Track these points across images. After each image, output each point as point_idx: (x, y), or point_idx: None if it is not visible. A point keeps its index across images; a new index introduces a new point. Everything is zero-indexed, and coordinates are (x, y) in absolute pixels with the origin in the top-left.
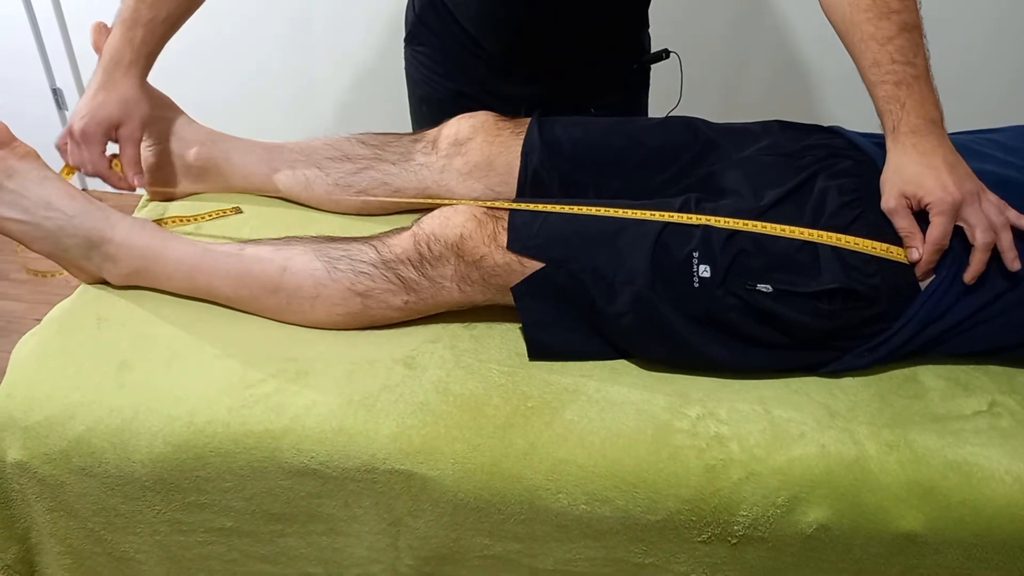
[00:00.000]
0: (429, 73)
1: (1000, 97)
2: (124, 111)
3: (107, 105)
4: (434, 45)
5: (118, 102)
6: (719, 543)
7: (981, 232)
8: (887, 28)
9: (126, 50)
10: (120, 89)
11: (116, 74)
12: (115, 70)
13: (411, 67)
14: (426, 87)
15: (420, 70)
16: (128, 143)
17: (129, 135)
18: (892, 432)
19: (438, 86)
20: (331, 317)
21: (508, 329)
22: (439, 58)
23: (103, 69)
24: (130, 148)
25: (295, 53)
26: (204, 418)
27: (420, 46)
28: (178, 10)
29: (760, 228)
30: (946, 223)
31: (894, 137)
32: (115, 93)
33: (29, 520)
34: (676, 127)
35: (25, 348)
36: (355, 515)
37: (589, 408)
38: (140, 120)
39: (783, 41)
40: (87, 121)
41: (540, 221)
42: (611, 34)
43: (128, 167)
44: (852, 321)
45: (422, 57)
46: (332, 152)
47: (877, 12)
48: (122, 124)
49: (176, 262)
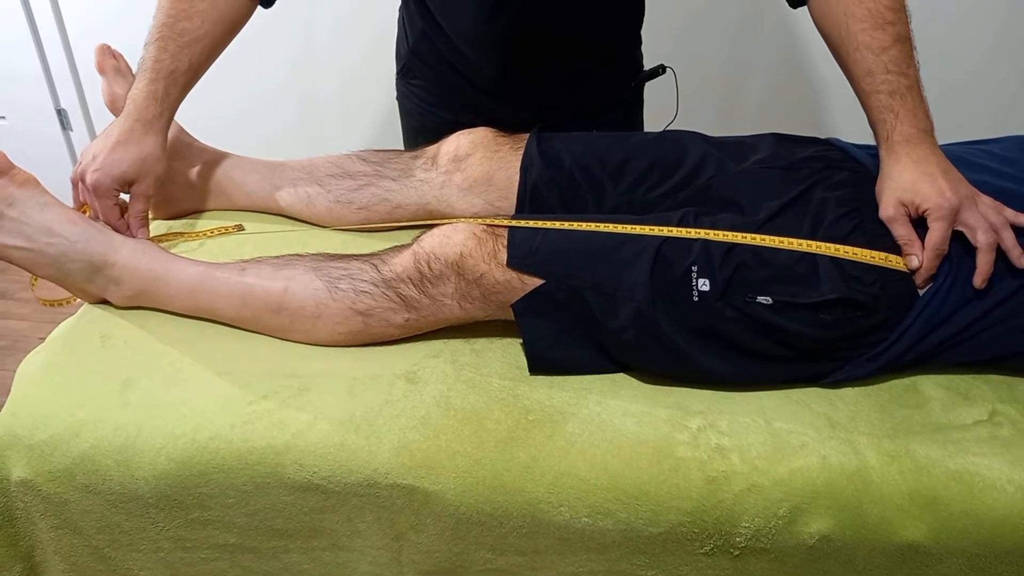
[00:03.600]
0: (424, 105)
1: (1000, 108)
2: (141, 170)
3: (124, 163)
4: (429, 77)
5: (136, 160)
6: (721, 555)
7: (983, 233)
8: (882, 39)
9: (150, 104)
10: (141, 146)
11: (138, 129)
12: (137, 124)
13: (406, 100)
14: (422, 118)
15: (415, 102)
16: (139, 200)
17: (142, 192)
18: (893, 442)
19: (435, 117)
20: (333, 335)
21: (509, 343)
22: (434, 89)
23: (125, 121)
24: (140, 205)
25: (297, 73)
26: (207, 435)
27: (415, 79)
28: (201, 57)
29: (759, 240)
30: (945, 228)
31: (888, 146)
32: (135, 150)
33: (34, 538)
34: (673, 141)
35: (30, 367)
36: (358, 530)
37: (590, 421)
38: (155, 179)
39: (780, 54)
40: (100, 176)
41: (540, 238)
42: (605, 53)
43: (135, 223)
44: (852, 331)
45: (417, 89)
46: (333, 169)
47: (872, 23)
48: (137, 182)
49: (179, 284)
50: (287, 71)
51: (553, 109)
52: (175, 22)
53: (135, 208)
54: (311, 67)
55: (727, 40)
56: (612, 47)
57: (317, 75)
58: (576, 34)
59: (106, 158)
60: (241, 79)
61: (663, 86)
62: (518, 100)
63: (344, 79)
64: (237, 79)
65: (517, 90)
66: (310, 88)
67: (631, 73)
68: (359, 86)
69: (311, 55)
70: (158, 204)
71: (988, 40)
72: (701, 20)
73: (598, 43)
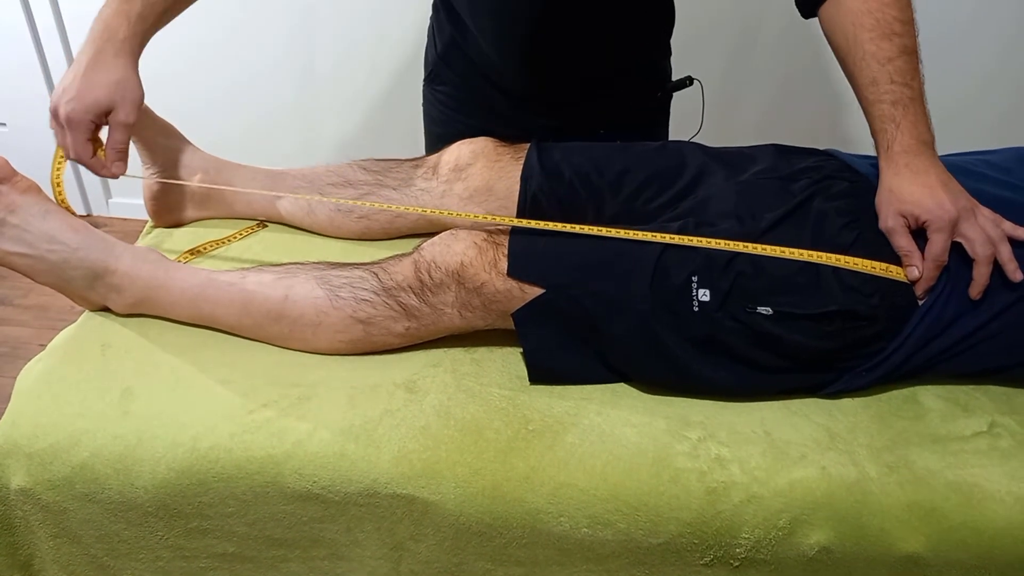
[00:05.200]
0: (450, 112)
1: (998, 125)
2: (116, 95)
3: (97, 88)
4: (455, 84)
5: (110, 84)
6: (721, 566)
7: (980, 245)
8: (888, 49)
9: (121, 24)
10: (113, 70)
11: (108, 51)
12: (107, 46)
13: (431, 106)
14: (446, 126)
15: (441, 109)
16: (119, 129)
17: (121, 121)
18: (892, 453)
19: (459, 124)
20: (333, 344)
21: (509, 353)
22: (460, 96)
23: (93, 44)
24: (120, 134)
25: (301, 86)
26: (207, 444)
27: (441, 86)
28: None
29: (760, 250)
30: (945, 239)
31: (888, 156)
32: (106, 74)
33: (33, 547)
34: (673, 151)
35: (30, 375)
36: (357, 540)
37: (590, 431)
38: (133, 104)
39: (781, 66)
40: (74, 106)
41: (540, 247)
42: (632, 61)
43: (113, 155)
44: (852, 341)
45: (442, 96)
46: (334, 178)
47: (879, 33)
48: (114, 109)
49: (180, 292)
50: (290, 85)
51: (579, 118)
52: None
53: (113, 138)
54: (315, 81)
55: (727, 51)
56: (639, 55)
57: (321, 90)
58: (603, 40)
59: (78, 85)
60: (245, 91)
61: (688, 99)
62: (545, 107)
63: (350, 95)
64: (241, 91)
65: (544, 96)
66: (314, 101)
67: (658, 83)
68: (365, 102)
69: (313, 73)
70: (160, 213)
71: (990, 56)
72: (725, 32)
73: (625, 50)
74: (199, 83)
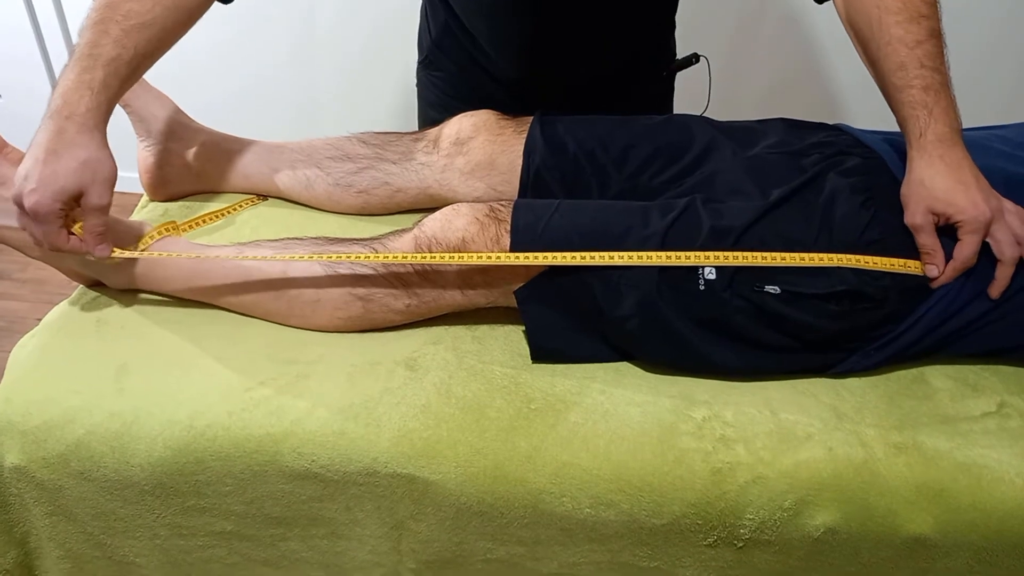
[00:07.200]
0: (445, 97)
1: (1009, 95)
2: (85, 177)
3: (61, 174)
4: (451, 70)
5: (76, 167)
6: (725, 547)
7: (1008, 247)
8: (916, 32)
9: (82, 96)
10: (77, 149)
11: (70, 129)
12: (68, 124)
13: (426, 91)
14: (441, 110)
15: (436, 93)
16: (92, 213)
17: (95, 205)
18: (900, 434)
19: (455, 109)
20: (332, 320)
21: (511, 331)
22: (456, 82)
23: (53, 121)
24: (93, 219)
25: (298, 57)
26: (204, 422)
27: (437, 71)
28: (148, 47)
29: (769, 261)
30: (978, 242)
31: (920, 145)
32: (70, 156)
33: (28, 524)
34: (679, 126)
35: (23, 351)
36: (357, 519)
37: (593, 410)
38: (105, 183)
39: (786, 45)
40: (38, 197)
41: (544, 224)
42: (632, 47)
43: (91, 240)
44: (860, 322)
45: (438, 81)
46: (333, 152)
47: (907, 16)
48: (84, 193)
49: (176, 267)
50: (287, 56)
51: (579, 103)
52: (120, 2)
53: (89, 223)
54: (312, 52)
55: (730, 29)
56: (641, 38)
57: (319, 61)
58: (602, 37)
59: (40, 174)
60: (241, 63)
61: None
62: (542, 97)
63: (347, 67)
64: (237, 63)
65: (541, 89)
66: (311, 74)
67: (663, 63)
68: (362, 75)
69: (312, 40)
70: (155, 186)
71: (988, 37)
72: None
73: (625, 37)
74: (193, 52)
